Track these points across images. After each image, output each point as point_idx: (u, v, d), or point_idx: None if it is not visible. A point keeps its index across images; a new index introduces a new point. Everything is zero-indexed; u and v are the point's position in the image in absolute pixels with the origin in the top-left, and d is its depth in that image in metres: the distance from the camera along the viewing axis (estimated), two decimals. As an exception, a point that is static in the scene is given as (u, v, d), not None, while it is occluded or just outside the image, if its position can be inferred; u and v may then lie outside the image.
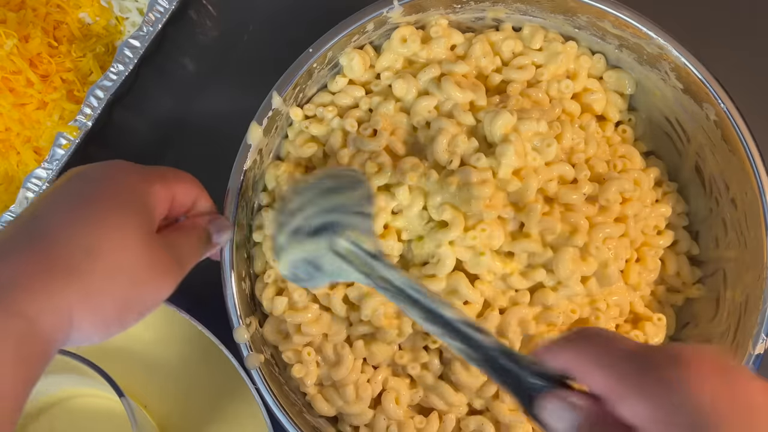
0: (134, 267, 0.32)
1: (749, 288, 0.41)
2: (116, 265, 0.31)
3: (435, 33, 0.44)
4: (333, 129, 0.43)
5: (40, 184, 0.47)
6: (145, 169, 0.36)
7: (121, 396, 0.39)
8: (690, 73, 0.41)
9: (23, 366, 0.28)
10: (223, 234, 0.40)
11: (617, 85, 0.45)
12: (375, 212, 0.39)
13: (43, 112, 0.49)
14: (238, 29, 0.53)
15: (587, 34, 0.44)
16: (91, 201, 0.33)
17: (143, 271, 0.32)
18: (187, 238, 0.37)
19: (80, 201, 0.32)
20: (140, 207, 0.34)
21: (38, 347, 0.29)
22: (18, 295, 0.28)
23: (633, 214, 0.42)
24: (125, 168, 0.35)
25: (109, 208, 0.32)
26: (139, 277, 0.32)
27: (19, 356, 0.28)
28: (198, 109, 0.53)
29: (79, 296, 0.30)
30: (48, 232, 0.31)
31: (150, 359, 0.48)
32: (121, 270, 0.31)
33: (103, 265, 0.31)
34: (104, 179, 0.34)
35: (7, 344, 0.27)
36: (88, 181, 0.34)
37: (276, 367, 0.42)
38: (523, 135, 0.40)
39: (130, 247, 0.32)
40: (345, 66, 0.44)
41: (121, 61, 0.48)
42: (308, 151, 0.43)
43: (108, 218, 0.32)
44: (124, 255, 0.32)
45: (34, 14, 0.50)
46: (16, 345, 0.28)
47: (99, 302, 0.31)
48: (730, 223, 0.43)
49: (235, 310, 0.41)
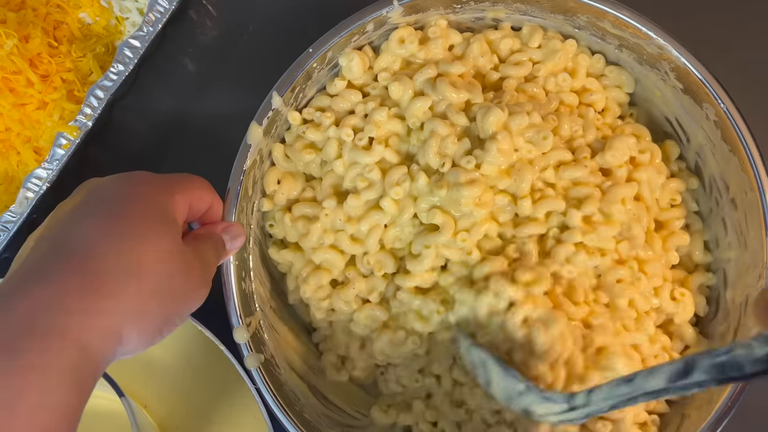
0: (170, 278, 0.32)
1: (749, 288, 0.41)
2: (160, 281, 0.32)
3: (433, 33, 0.44)
4: (329, 138, 0.43)
5: (40, 184, 0.47)
6: (163, 178, 0.36)
7: (121, 396, 0.40)
8: (690, 73, 0.41)
9: (77, 392, 0.28)
10: (237, 241, 0.40)
11: (617, 80, 0.45)
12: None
13: (43, 112, 0.49)
14: (238, 29, 0.53)
15: (587, 34, 0.44)
16: (120, 216, 0.32)
17: (178, 282, 0.33)
18: (207, 246, 0.37)
19: (108, 216, 0.32)
20: (167, 218, 0.34)
21: (91, 371, 0.29)
22: (69, 320, 0.28)
23: (646, 179, 0.42)
24: (145, 180, 0.35)
25: (139, 223, 0.32)
26: (178, 290, 0.33)
27: (74, 383, 0.28)
28: (198, 109, 0.53)
29: (129, 317, 0.30)
30: (82, 250, 0.30)
31: (150, 359, 0.48)
32: (160, 282, 0.32)
33: (149, 283, 0.31)
34: (129, 194, 0.34)
35: (64, 372, 0.27)
36: (111, 196, 0.34)
37: (276, 368, 0.42)
38: (514, 130, 0.40)
39: (168, 262, 0.32)
40: (344, 67, 0.44)
41: (121, 61, 0.48)
42: (307, 157, 0.43)
43: (142, 234, 0.32)
44: (161, 267, 0.32)
45: (34, 14, 0.50)
46: (71, 372, 0.28)
47: (146, 321, 0.31)
48: (730, 223, 0.43)
49: (235, 310, 0.41)
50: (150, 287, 0.31)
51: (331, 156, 0.43)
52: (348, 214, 0.42)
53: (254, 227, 0.44)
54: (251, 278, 0.43)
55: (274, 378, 0.41)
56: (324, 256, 0.42)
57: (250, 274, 0.43)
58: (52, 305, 0.28)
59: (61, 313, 0.28)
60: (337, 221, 0.42)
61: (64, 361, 0.27)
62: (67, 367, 0.28)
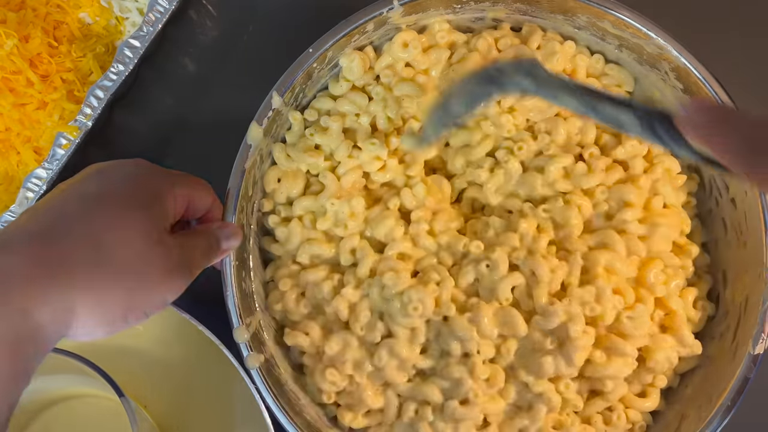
0: (142, 264, 0.32)
1: (749, 288, 0.41)
2: (123, 260, 0.31)
3: (441, 38, 0.44)
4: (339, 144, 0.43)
5: (40, 184, 0.47)
6: (165, 170, 0.36)
7: (121, 396, 0.39)
8: (690, 73, 0.41)
9: (15, 358, 0.28)
10: (232, 240, 0.40)
11: (617, 79, 0.45)
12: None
13: (43, 112, 0.49)
14: (238, 29, 0.53)
15: (587, 34, 0.44)
16: (107, 198, 0.33)
17: (151, 270, 0.32)
18: (198, 241, 0.37)
19: (95, 197, 0.32)
20: (155, 207, 0.34)
21: (33, 340, 0.28)
22: (16, 287, 0.28)
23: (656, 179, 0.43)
24: (146, 167, 0.36)
25: (123, 206, 0.32)
26: (146, 275, 0.32)
27: (12, 348, 0.27)
28: (198, 109, 0.53)
29: (84, 290, 0.30)
30: (58, 225, 0.31)
31: (150, 359, 0.48)
32: (128, 266, 0.31)
33: (113, 262, 0.31)
34: (123, 177, 0.34)
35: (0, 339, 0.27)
36: (106, 178, 0.34)
37: (276, 367, 0.42)
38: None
39: (138, 245, 0.32)
40: (345, 67, 0.44)
41: (121, 61, 0.48)
42: (310, 159, 0.43)
43: (122, 216, 0.32)
44: (133, 251, 0.32)
45: (34, 14, 0.50)
46: (8, 336, 0.27)
47: (104, 297, 0.31)
48: (730, 223, 0.43)
49: (235, 310, 0.41)
50: (109, 262, 0.31)
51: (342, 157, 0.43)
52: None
53: (254, 227, 0.44)
54: (251, 278, 0.43)
55: (274, 378, 0.41)
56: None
57: (250, 274, 0.43)
58: (6, 272, 0.28)
59: (8, 279, 0.28)
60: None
61: (1, 328, 0.27)
62: (5, 334, 0.27)
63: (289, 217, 0.44)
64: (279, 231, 0.44)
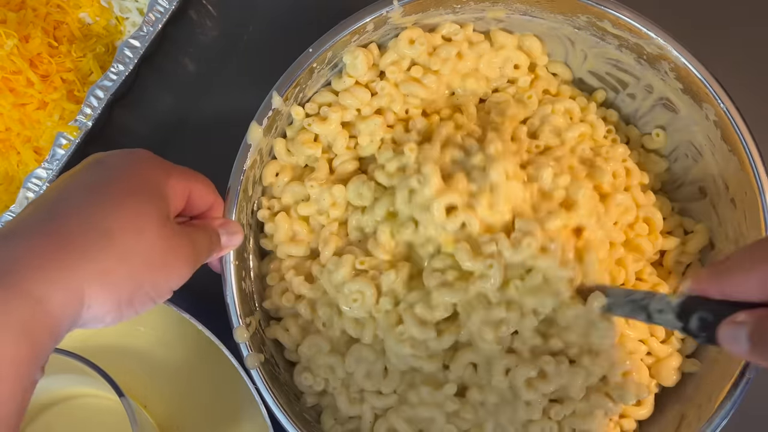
0: (149, 249, 0.32)
1: (749, 288, 0.41)
2: (131, 246, 0.31)
3: (456, 36, 0.45)
4: (336, 135, 0.43)
5: (41, 184, 0.47)
6: (167, 162, 0.37)
7: (121, 396, 0.39)
8: (690, 73, 0.41)
9: (27, 345, 0.28)
10: (234, 238, 0.40)
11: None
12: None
13: (43, 112, 0.49)
14: (238, 29, 0.53)
15: (587, 34, 0.44)
16: (109, 186, 0.33)
17: (158, 255, 0.33)
18: (199, 233, 0.37)
19: (98, 186, 0.33)
20: (157, 195, 0.34)
21: (46, 325, 0.28)
22: (25, 274, 0.28)
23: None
24: (145, 157, 0.36)
25: (126, 194, 0.33)
26: (153, 259, 0.32)
27: (24, 336, 0.27)
28: (198, 109, 0.53)
29: (92, 275, 0.30)
30: (63, 213, 0.31)
31: (150, 359, 0.48)
32: (135, 251, 0.31)
33: (118, 245, 0.31)
34: (124, 166, 0.34)
35: (12, 324, 0.27)
36: (108, 167, 0.34)
37: (276, 367, 0.42)
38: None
39: (146, 230, 0.32)
40: (348, 64, 0.44)
41: (121, 61, 0.48)
42: (308, 150, 0.43)
43: (125, 203, 0.32)
44: (140, 237, 0.32)
45: (35, 14, 0.50)
46: (21, 324, 0.27)
47: (112, 282, 0.31)
48: (730, 223, 0.43)
49: (235, 310, 0.41)
50: (117, 248, 0.31)
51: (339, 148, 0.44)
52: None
53: (254, 227, 0.44)
54: (251, 278, 0.43)
55: (274, 378, 0.41)
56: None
57: (250, 274, 0.43)
58: (10, 260, 0.28)
59: (18, 267, 0.28)
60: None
61: (12, 313, 0.27)
62: (16, 319, 0.27)
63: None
64: (268, 225, 0.44)
